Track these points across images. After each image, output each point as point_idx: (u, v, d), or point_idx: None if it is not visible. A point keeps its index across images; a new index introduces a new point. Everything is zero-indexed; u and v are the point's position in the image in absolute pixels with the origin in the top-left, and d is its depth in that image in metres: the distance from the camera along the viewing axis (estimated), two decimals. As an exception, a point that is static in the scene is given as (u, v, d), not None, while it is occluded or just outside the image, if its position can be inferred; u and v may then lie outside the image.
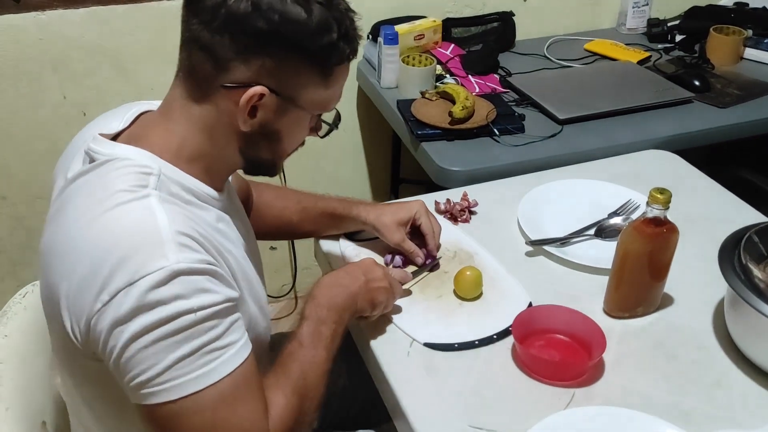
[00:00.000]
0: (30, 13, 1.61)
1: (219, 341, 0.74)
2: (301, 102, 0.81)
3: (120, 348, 0.71)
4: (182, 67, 0.81)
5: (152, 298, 0.69)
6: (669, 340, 1.01)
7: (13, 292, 2.01)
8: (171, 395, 0.72)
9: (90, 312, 0.71)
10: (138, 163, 0.78)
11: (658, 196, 0.94)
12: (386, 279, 1.00)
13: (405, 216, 1.12)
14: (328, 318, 0.91)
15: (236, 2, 0.74)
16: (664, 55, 1.92)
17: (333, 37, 0.78)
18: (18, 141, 1.75)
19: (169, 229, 0.72)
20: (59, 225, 0.78)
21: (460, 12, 1.97)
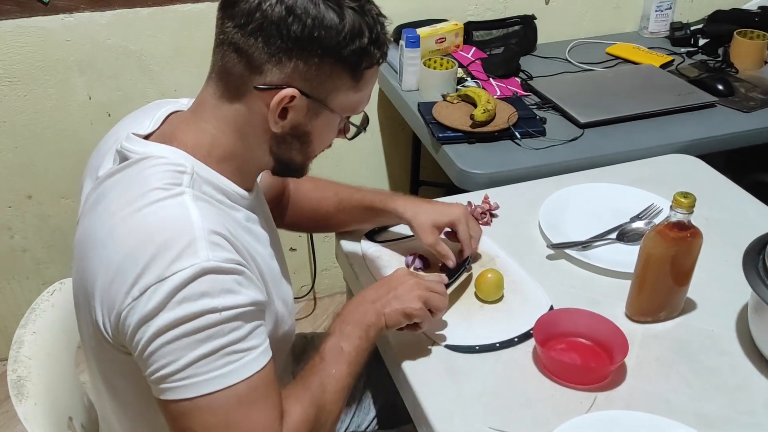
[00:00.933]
0: (58, 15, 1.64)
1: (240, 344, 0.74)
2: (332, 105, 0.83)
3: (145, 342, 0.72)
4: (215, 68, 0.82)
5: (180, 294, 0.71)
6: (692, 344, 1.01)
7: (37, 290, 2.05)
8: (188, 393, 0.73)
9: (121, 305, 0.73)
10: (172, 162, 0.79)
11: (682, 200, 0.93)
12: (417, 288, 0.95)
13: (443, 220, 1.11)
14: (352, 333, 0.90)
15: (271, 6, 0.75)
16: (687, 59, 1.90)
17: (364, 42, 0.79)
18: (44, 140, 1.78)
19: (201, 226, 0.74)
20: (95, 219, 0.79)
21: (481, 15, 1.98)
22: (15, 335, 0.96)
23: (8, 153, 1.77)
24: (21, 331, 0.96)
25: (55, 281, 1.29)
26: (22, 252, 1.93)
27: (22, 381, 0.90)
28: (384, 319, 0.93)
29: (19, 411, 0.87)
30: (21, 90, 1.70)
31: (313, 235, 2.17)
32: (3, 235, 1.88)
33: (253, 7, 0.76)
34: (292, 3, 0.75)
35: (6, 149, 1.76)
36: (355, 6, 0.78)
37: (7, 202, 1.84)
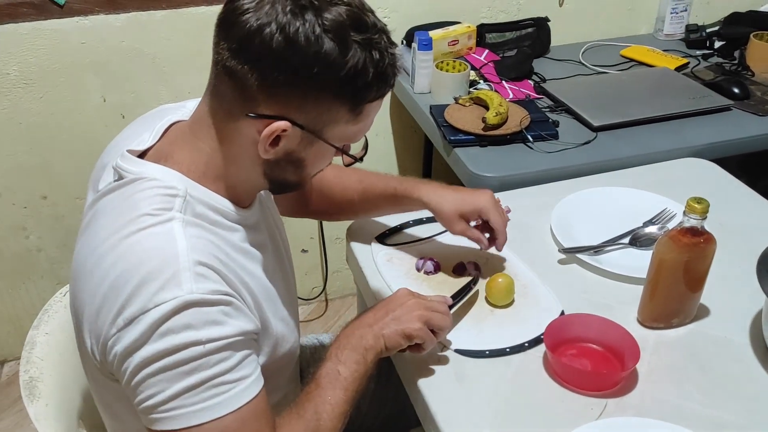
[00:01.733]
0: (73, 18, 1.65)
1: (228, 375, 0.73)
2: (327, 136, 0.79)
3: (130, 373, 0.72)
4: (211, 86, 0.79)
5: (163, 327, 0.70)
6: (704, 351, 1.00)
7: (51, 289, 2.07)
8: (175, 424, 0.72)
9: (107, 336, 0.73)
10: (164, 184, 0.77)
11: (696, 206, 0.92)
12: (417, 308, 0.92)
13: (468, 209, 1.07)
14: (349, 358, 0.87)
15: (269, 34, 0.70)
16: (703, 62, 1.89)
17: (368, 78, 0.74)
18: (59, 142, 1.80)
19: (187, 257, 0.72)
20: (87, 241, 0.78)
21: (494, 18, 1.97)
22: (28, 336, 0.97)
23: (23, 154, 1.79)
24: (34, 332, 0.97)
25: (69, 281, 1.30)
26: (37, 252, 1.94)
27: (34, 382, 0.91)
28: (383, 342, 0.90)
29: (30, 411, 0.88)
30: (37, 92, 1.72)
31: (325, 237, 2.17)
32: (18, 235, 1.90)
33: (251, 32, 0.71)
34: (292, 33, 0.70)
35: (21, 150, 1.78)
36: (361, 40, 0.73)
37: (22, 202, 1.85)
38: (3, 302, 1.99)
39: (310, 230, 2.16)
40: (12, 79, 1.68)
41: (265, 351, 0.86)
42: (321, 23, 0.71)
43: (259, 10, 0.71)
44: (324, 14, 0.71)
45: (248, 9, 0.71)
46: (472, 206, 1.07)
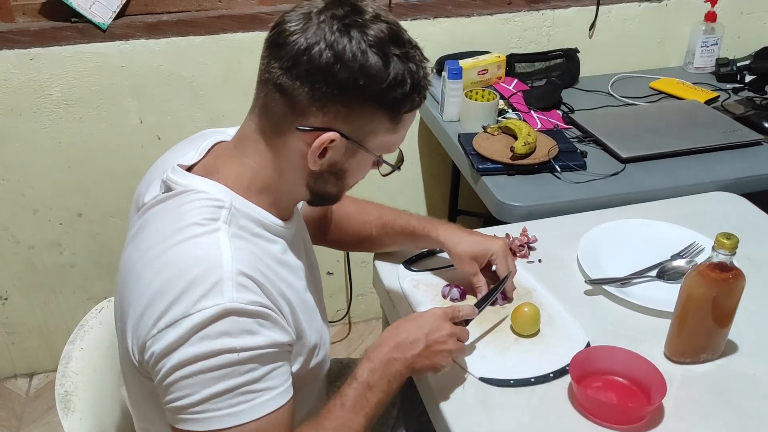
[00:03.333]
0: (115, 42, 1.72)
1: (255, 385, 0.76)
2: (369, 145, 0.85)
3: (164, 373, 0.75)
4: (258, 104, 0.84)
5: (202, 332, 0.74)
6: (732, 388, 0.99)
7: (82, 305, 2.11)
8: (200, 426, 0.75)
9: (147, 336, 0.76)
10: (211, 196, 0.82)
11: (725, 242, 0.92)
12: (451, 340, 0.94)
13: (481, 253, 1.12)
14: (377, 385, 0.89)
15: (319, 52, 0.77)
16: (733, 96, 1.88)
17: (406, 89, 0.81)
18: (96, 161, 1.85)
19: (231, 267, 0.76)
20: (136, 247, 0.83)
21: (524, 48, 1.99)
22: (64, 351, 1.00)
23: (62, 172, 1.84)
24: (69, 347, 1.00)
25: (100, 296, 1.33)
26: (71, 267, 1.99)
27: (69, 396, 0.93)
28: (412, 371, 0.92)
29: (65, 425, 0.90)
30: (77, 112, 1.78)
31: (350, 260, 2.19)
32: (53, 250, 1.95)
33: (301, 50, 0.77)
34: (340, 50, 0.76)
35: (60, 168, 1.84)
36: (400, 53, 0.79)
37: (58, 219, 1.91)
38: (35, 316, 2.04)
39: (336, 253, 2.18)
40: (54, 99, 1.75)
41: (299, 360, 0.88)
42: (366, 39, 0.77)
43: (306, 31, 0.78)
44: (368, 31, 0.78)
45: (295, 31, 0.78)
46: (485, 250, 1.12)
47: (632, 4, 2.01)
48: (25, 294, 2.00)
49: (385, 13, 0.81)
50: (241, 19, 1.76)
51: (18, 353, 2.09)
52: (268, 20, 1.77)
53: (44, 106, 1.75)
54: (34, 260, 1.95)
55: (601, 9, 1.99)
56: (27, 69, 1.69)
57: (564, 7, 1.96)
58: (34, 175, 1.83)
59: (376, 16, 0.80)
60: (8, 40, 1.65)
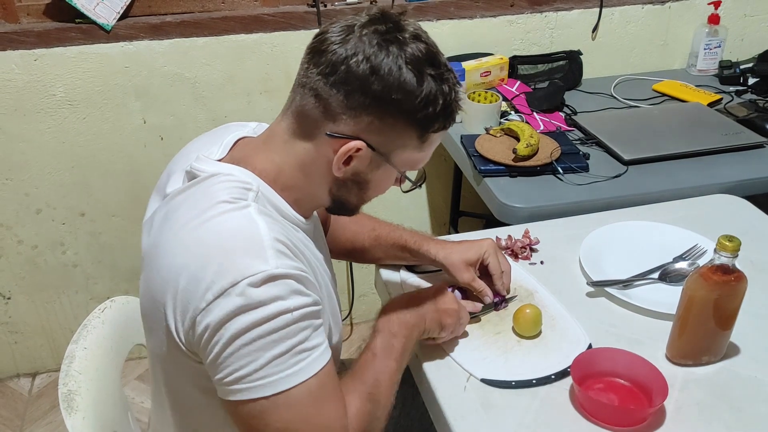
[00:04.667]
0: (119, 42, 1.72)
1: (308, 342, 0.79)
2: (394, 160, 0.87)
3: (222, 345, 0.76)
4: (292, 106, 0.86)
5: (254, 298, 0.75)
6: (734, 391, 0.99)
7: (85, 304, 2.12)
8: (266, 391, 0.77)
9: (195, 309, 0.77)
10: (239, 179, 0.84)
11: (727, 244, 0.93)
12: (455, 303, 1.03)
13: (473, 256, 1.13)
14: (399, 332, 0.96)
15: (357, 63, 0.80)
16: (736, 98, 1.88)
17: (437, 108, 0.83)
18: (99, 161, 1.86)
19: (268, 236, 0.78)
20: (164, 232, 0.84)
21: (527, 50, 2.00)
22: (67, 350, 1.00)
23: (65, 172, 1.85)
24: (73, 347, 1.00)
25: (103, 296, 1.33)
26: (73, 267, 2.00)
27: (72, 395, 0.93)
28: (425, 325, 0.99)
29: (68, 424, 0.90)
30: (81, 113, 1.78)
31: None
32: (56, 250, 1.96)
33: (340, 59, 0.80)
34: (377, 63, 0.79)
35: (63, 168, 1.84)
36: (434, 74, 0.82)
37: (61, 218, 1.91)
38: (38, 315, 2.05)
39: (339, 254, 2.19)
40: (58, 100, 1.75)
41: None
42: (403, 56, 0.80)
43: (346, 43, 0.81)
44: (406, 48, 0.81)
45: (336, 41, 0.81)
46: (477, 253, 1.14)
47: (635, 6, 2.01)
48: (28, 293, 2.01)
49: (425, 35, 0.84)
50: (244, 20, 1.77)
51: (21, 353, 2.10)
52: (271, 21, 1.77)
53: (48, 106, 1.75)
54: (37, 260, 1.96)
55: (604, 11, 1.99)
56: (31, 69, 1.70)
57: (567, 9, 1.97)
58: (38, 175, 1.84)
59: (416, 36, 0.83)
60: (13, 40, 1.66)
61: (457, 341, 1.07)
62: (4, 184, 1.83)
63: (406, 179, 0.92)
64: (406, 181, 0.93)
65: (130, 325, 1.10)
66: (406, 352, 0.96)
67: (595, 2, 1.97)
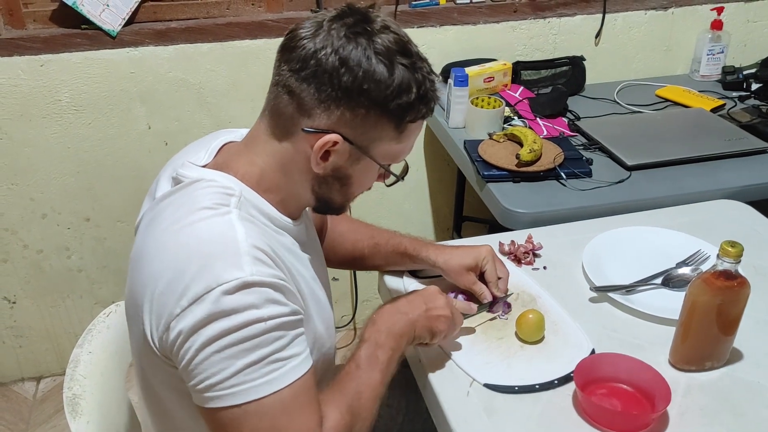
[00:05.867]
0: (124, 48, 1.73)
1: (283, 352, 0.78)
2: (373, 153, 0.87)
3: (194, 351, 0.76)
4: (269, 106, 0.87)
5: (227, 305, 0.75)
6: (737, 396, 0.99)
7: (89, 309, 2.12)
8: (236, 400, 0.76)
9: (170, 315, 0.77)
10: (221, 185, 0.84)
11: (730, 250, 0.93)
12: (448, 307, 1.02)
13: (471, 262, 1.14)
14: (386, 343, 0.94)
15: (326, 56, 0.80)
16: (739, 104, 1.88)
17: (411, 98, 0.83)
18: (104, 166, 1.87)
19: (246, 243, 0.78)
20: (148, 236, 0.85)
21: (530, 55, 2.00)
22: (72, 354, 1.01)
23: (71, 177, 1.86)
24: (78, 351, 1.01)
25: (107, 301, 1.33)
26: (78, 272, 2.00)
27: (76, 399, 0.94)
28: (414, 331, 0.97)
29: (72, 428, 0.91)
30: (86, 118, 1.79)
31: (356, 266, 2.20)
32: (61, 254, 1.96)
33: (309, 54, 0.81)
34: (346, 55, 0.80)
35: (69, 173, 1.85)
36: (406, 63, 0.82)
37: (66, 223, 1.92)
38: (42, 320, 2.05)
39: (342, 259, 2.19)
40: (63, 105, 1.76)
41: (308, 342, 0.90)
42: (372, 46, 0.81)
43: (316, 37, 0.81)
44: (375, 39, 0.81)
45: (305, 36, 0.82)
46: (475, 259, 1.14)
47: (638, 12, 2.02)
48: (33, 298, 2.01)
49: (395, 25, 0.84)
50: (248, 26, 1.78)
51: (25, 357, 2.11)
52: (275, 27, 1.78)
53: (54, 111, 1.76)
54: (42, 264, 1.97)
55: (607, 17, 1.99)
56: (37, 75, 1.71)
57: (570, 15, 1.97)
58: (43, 180, 1.85)
59: (384, 27, 0.83)
60: (19, 46, 1.67)
61: (460, 346, 1.07)
62: (10, 189, 1.84)
63: (390, 173, 0.92)
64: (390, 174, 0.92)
65: (135, 329, 1.10)
66: (393, 362, 0.94)
67: (598, 8, 1.98)
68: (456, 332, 1.06)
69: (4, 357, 2.09)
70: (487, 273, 1.14)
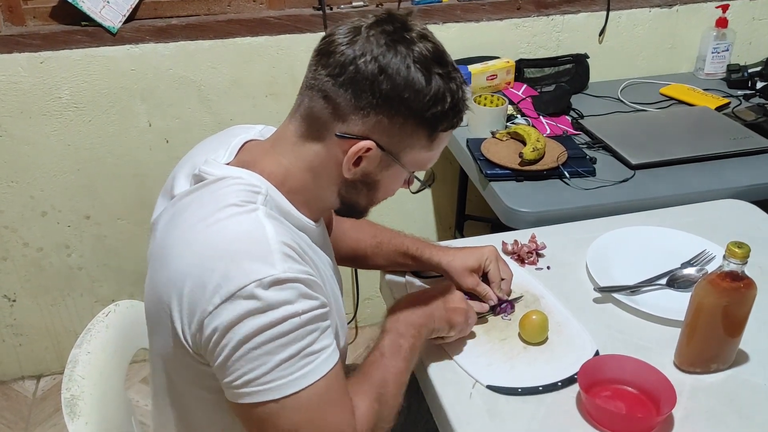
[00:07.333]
0: (124, 45, 1.72)
1: (315, 345, 0.79)
2: (404, 160, 0.87)
3: (230, 349, 0.76)
4: (301, 109, 0.86)
5: (262, 302, 0.75)
6: (743, 399, 0.98)
7: (89, 307, 2.12)
8: (275, 394, 0.77)
9: (203, 313, 0.77)
10: (247, 182, 0.84)
11: (736, 251, 0.92)
12: (464, 302, 1.04)
13: (474, 263, 1.13)
14: (407, 332, 0.96)
15: (365, 63, 0.80)
16: (744, 102, 1.87)
17: (445, 107, 0.83)
18: (105, 164, 1.86)
19: (275, 240, 0.78)
20: (170, 233, 0.84)
21: (533, 53, 1.99)
22: (70, 354, 1.00)
23: (71, 175, 1.85)
24: (76, 351, 1.00)
25: (107, 299, 1.31)
26: (78, 270, 2.00)
27: (75, 400, 0.93)
28: (434, 324, 0.99)
29: (70, 429, 0.90)
30: (86, 115, 1.78)
31: (358, 264, 2.19)
32: (61, 252, 1.96)
33: (348, 60, 0.81)
34: (385, 63, 0.80)
35: (69, 171, 1.84)
36: (442, 72, 0.82)
37: (66, 221, 1.91)
38: (42, 318, 2.05)
39: (344, 257, 2.18)
40: (63, 102, 1.75)
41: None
42: (411, 55, 0.81)
43: (354, 44, 0.81)
44: (414, 48, 0.81)
45: (343, 42, 0.82)
46: (478, 260, 1.14)
47: (642, 9, 2.00)
48: (33, 296, 2.01)
49: (432, 35, 0.85)
50: (249, 23, 1.77)
51: (25, 355, 2.10)
52: (277, 24, 1.77)
53: (54, 109, 1.75)
54: (42, 262, 1.96)
55: (611, 14, 1.98)
56: (37, 72, 1.70)
57: (574, 12, 1.96)
58: (43, 178, 1.84)
59: (423, 36, 0.83)
60: (19, 43, 1.66)
61: (463, 346, 1.06)
62: (10, 187, 1.83)
63: (416, 179, 0.92)
64: (415, 181, 0.93)
65: (135, 329, 1.09)
66: (415, 351, 0.96)
67: (602, 5, 1.96)
68: (469, 330, 1.06)
69: (4, 355, 2.08)
70: (491, 274, 1.14)
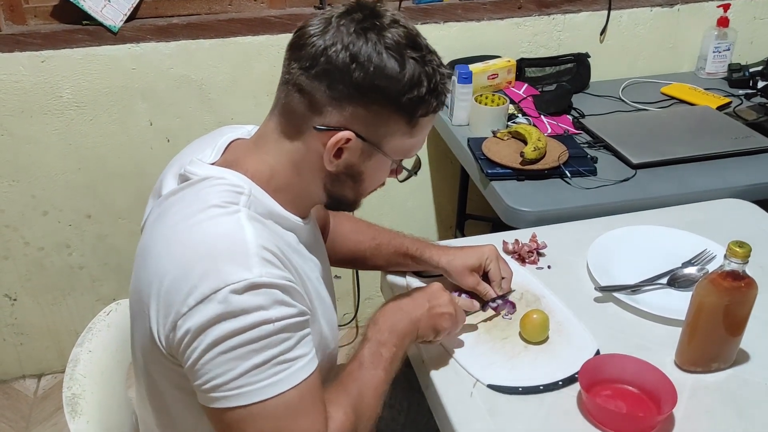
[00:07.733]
0: (125, 44, 1.72)
1: (290, 353, 0.78)
2: (386, 148, 0.86)
3: (200, 351, 0.75)
4: (279, 105, 0.86)
5: (235, 306, 0.74)
6: (744, 398, 0.98)
7: (90, 306, 2.12)
8: (241, 401, 0.76)
9: (177, 314, 0.76)
10: (231, 183, 0.83)
11: (738, 250, 0.91)
12: (451, 305, 1.01)
13: (475, 262, 1.13)
14: (389, 341, 0.94)
15: (336, 53, 0.79)
16: (745, 102, 1.87)
17: (422, 92, 0.82)
18: (105, 163, 1.86)
19: (255, 243, 0.77)
20: (154, 233, 0.84)
21: (535, 52, 1.99)
22: (72, 353, 1.00)
23: (72, 174, 1.85)
24: (77, 350, 1.00)
25: (108, 298, 1.31)
26: (79, 269, 2.00)
27: (76, 398, 0.93)
28: (417, 331, 0.97)
29: (72, 428, 0.90)
30: (87, 114, 1.78)
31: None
32: (62, 252, 1.96)
33: (318, 51, 0.80)
34: (356, 51, 0.79)
35: (70, 170, 1.84)
36: (416, 57, 0.81)
37: (68, 220, 1.91)
38: (43, 317, 2.05)
39: (344, 257, 2.18)
40: (65, 101, 1.75)
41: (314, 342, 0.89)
42: (382, 41, 0.80)
43: (325, 34, 0.80)
44: (385, 34, 0.80)
45: (314, 33, 0.81)
46: (479, 259, 1.13)
47: (644, 8, 2.00)
48: (34, 295, 2.01)
49: (403, 19, 0.83)
50: (250, 22, 1.76)
51: (26, 354, 2.10)
52: (278, 23, 1.77)
53: (55, 108, 1.75)
54: (43, 261, 1.96)
55: (612, 14, 1.98)
56: (38, 71, 1.70)
57: (575, 11, 1.96)
58: (44, 177, 1.84)
59: (394, 21, 0.82)
60: (20, 42, 1.66)
61: (464, 346, 1.06)
62: (11, 186, 1.83)
63: (403, 168, 0.91)
64: (402, 169, 0.92)
65: (135, 328, 1.09)
66: (396, 360, 0.94)
67: (603, 4, 1.96)
68: (459, 329, 1.05)
69: (5, 354, 2.08)
70: (491, 273, 1.13)
